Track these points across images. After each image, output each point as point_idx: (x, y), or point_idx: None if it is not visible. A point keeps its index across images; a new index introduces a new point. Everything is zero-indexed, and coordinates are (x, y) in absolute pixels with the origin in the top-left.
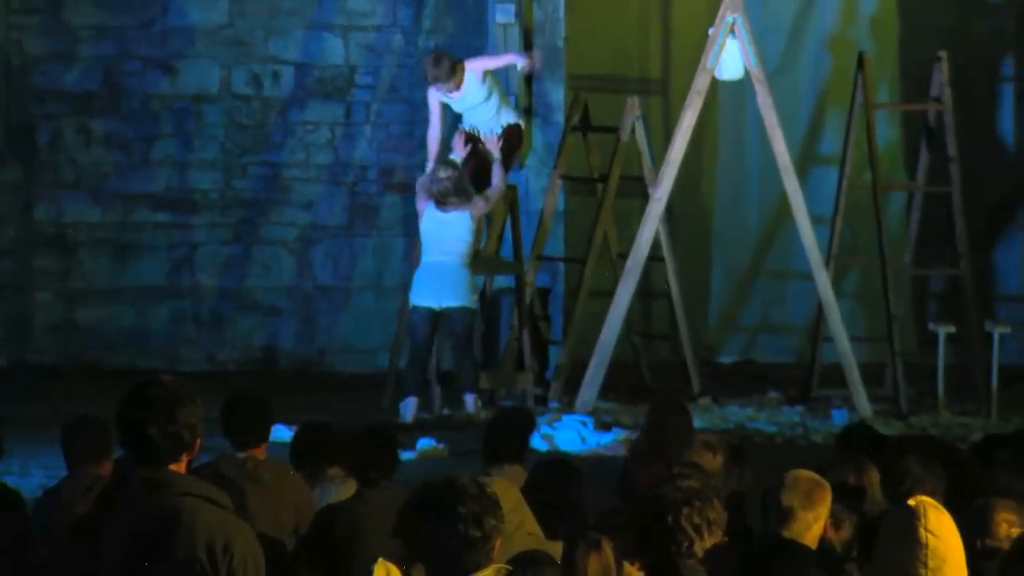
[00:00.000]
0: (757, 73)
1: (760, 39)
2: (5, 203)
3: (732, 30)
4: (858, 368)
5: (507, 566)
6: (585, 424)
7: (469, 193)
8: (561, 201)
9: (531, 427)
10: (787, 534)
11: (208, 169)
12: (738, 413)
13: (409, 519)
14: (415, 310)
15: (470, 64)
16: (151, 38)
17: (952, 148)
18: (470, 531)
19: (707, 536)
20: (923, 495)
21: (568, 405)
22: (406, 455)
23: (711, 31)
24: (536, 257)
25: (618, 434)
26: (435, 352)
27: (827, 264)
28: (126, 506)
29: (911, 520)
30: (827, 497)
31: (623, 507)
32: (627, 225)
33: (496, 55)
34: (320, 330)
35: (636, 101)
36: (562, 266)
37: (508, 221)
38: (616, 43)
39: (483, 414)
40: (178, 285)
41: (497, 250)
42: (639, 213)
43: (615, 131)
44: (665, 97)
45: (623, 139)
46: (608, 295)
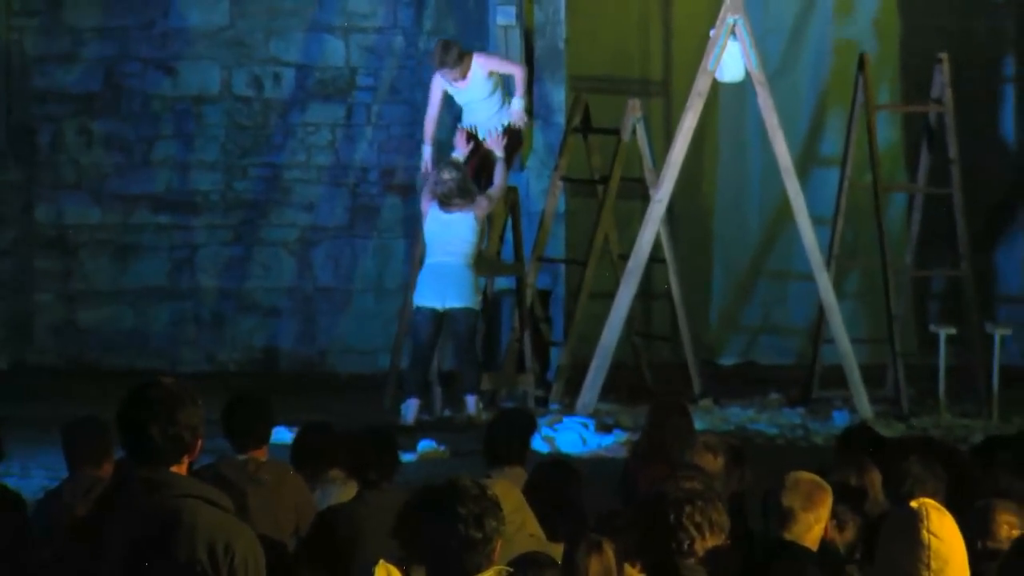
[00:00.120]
0: (758, 75)
1: (761, 40)
2: (6, 204)
3: (733, 32)
4: (859, 369)
5: (508, 568)
6: (586, 426)
7: (473, 194)
8: (562, 203)
9: (532, 428)
10: (788, 535)
11: (209, 170)
12: (739, 414)
13: (409, 520)
14: (418, 311)
15: (478, 58)
16: (152, 39)
17: (953, 149)
18: (471, 532)
19: (708, 535)
20: (924, 496)
21: (569, 407)
22: (407, 457)
23: (712, 33)
24: (537, 258)
25: (619, 436)
26: (436, 353)
27: (828, 265)
28: (127, 507)
29: (913, 522)
30: (828, 499)
31: (624, 509)
32: (628, 226)
33: (505, 60)
34: (321, 331)
35: (637, 103)
36: (563, 267)
37: (509, 222)
38: (617, 45)
39: (484, 416)
40: (179, 286)
41: (498, 251)
42: (640, 214)
43: (616, 133)
44: (666, 98)
45: (624, 140)
46: (609, 296)
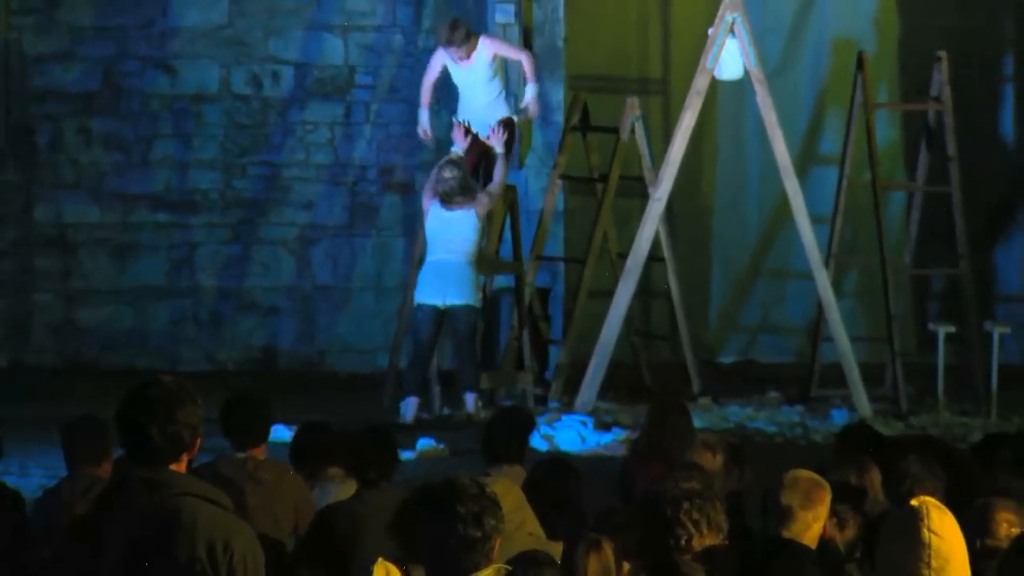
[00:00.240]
0: (757, 73)
1: (760, 39)
2: (5, 203)
3: (732, 30)
4: (858, 368)
5: (507, 566)
6: (585, 424)
7: (474, 191)
8: (561, 201)
9: (530, 427)
10: (787, 534)
11: (208, 169)
12: (738, 413)
13: (408, 519)
14: (419, 308)
15: (485, 40)
16: (151, 38)
17: (952, 148)
18: (469, 531)
19: (706, 532)
20: (923, 495)
21: (568, 405)
22: (406, 455)
23: (711, 31)
24: (536, 257)
25: (618, 434)
26: (436, 352)
27: (827, 264)
28: (126, 506)
29: (914, 520)
30: (826, 497)
31: (623, 507)
32: (627, 225)
33: (513, 46)
34: (320, 330)
35: (636, 101)
36: (562, 266)
37: (508, 221)
38: (615, 43)
39: (483, 414)
40: (178, 285)
41: (497, 250)
42: (639, 213)
43: (615, 131)
44: (665, 97)
45: (623, 139)
46: (608, 295)
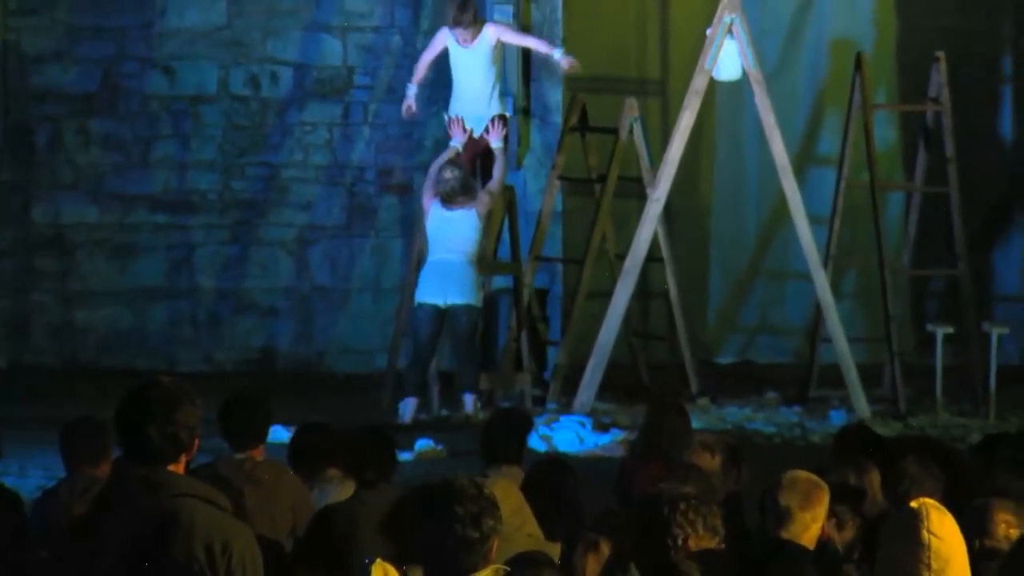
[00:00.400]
0: (755, 74)
1: (758, 40)
2: (3, 204)
3: (730, 31)
4: (856, 368)
5: (505, 567)
6: (583, 425)
7: (475, 191)
8: (559, 202)
9: (528, 428)
10: (785, 535)
11: (206, 170)
12: (736, 414)
13: (406, 520)
14: (420, 307)
15: (491, 25)
16: (149, 39)
17: (950, 149)
18: (468, 532)
19: (702, 532)
20: (921, 495)
21: (566, 406)
22: (404, 456)
23: (709, 32)
24: (534, 258)
25: (616, 435)
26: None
27: (825, 264)
28: (124, 507)
29: (913, 522)
30: (825, 498)
31: (621, 508)
32: (625, 226)
33: (522, 34)
34: (318, 331)
35: (634, 102)
36: (560, 267)
37: (506, 222)
38: (614, 44)
39: (481, 415)
40: (176, 286)
41: (495, 251)
42: (637, 214)
43: (613, 132)
44: (663, 98)
45: (621, 140)
46: (606, 296)
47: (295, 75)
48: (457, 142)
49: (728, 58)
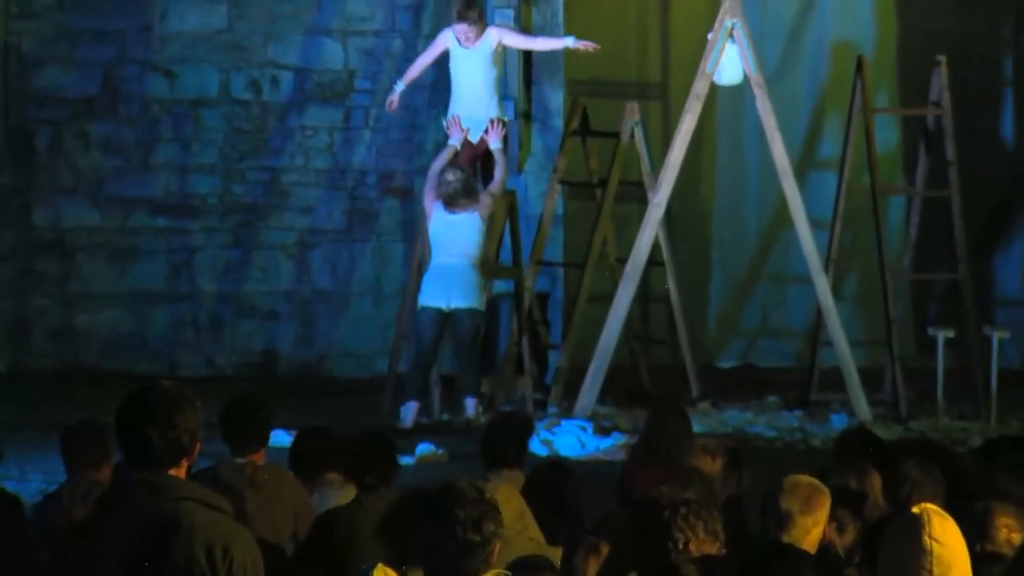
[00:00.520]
0: (756, 77)
1: (759, 43)
2: (4, 207)
3: (731, 34)
4: (857, 372)
5: (506, 571)
6: (584, 429)
7: (477, 193)
8: (560, 206)
9: (529, 431)
10: (786, 539)
11: (207, 174)
12: (737, 417)
13: (406, 522)
14: (423, 310)
15: (494, 28)
16: (150, 42)
17: (951, 152)
18: (468, 536)
19: (703, 536)
20: (922, 499)
21: (567, 410)
22: (405, 460)
23: (710, 36)
24: (535, 262)
25: (617, 439)
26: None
27: (826, 268)
28: (125, 511)
29: (915, 528)
30: (826, 502)
31: (622, 511)
32: (626, 230)
33: (526, 35)
34: (319, 335)
35: (635, 106)
36: (561, 271)
37: (507, 226)
38: (615, 48)
39: (482, 419)
40: (177, 290)
41: (496, 255)
42: (638, 218)
43: (614, 136)
44: (664, 102)
45: (622, 143)
46: (607, 300)
47: (296, 79)
48: (455, 140)
49: (729, 62)
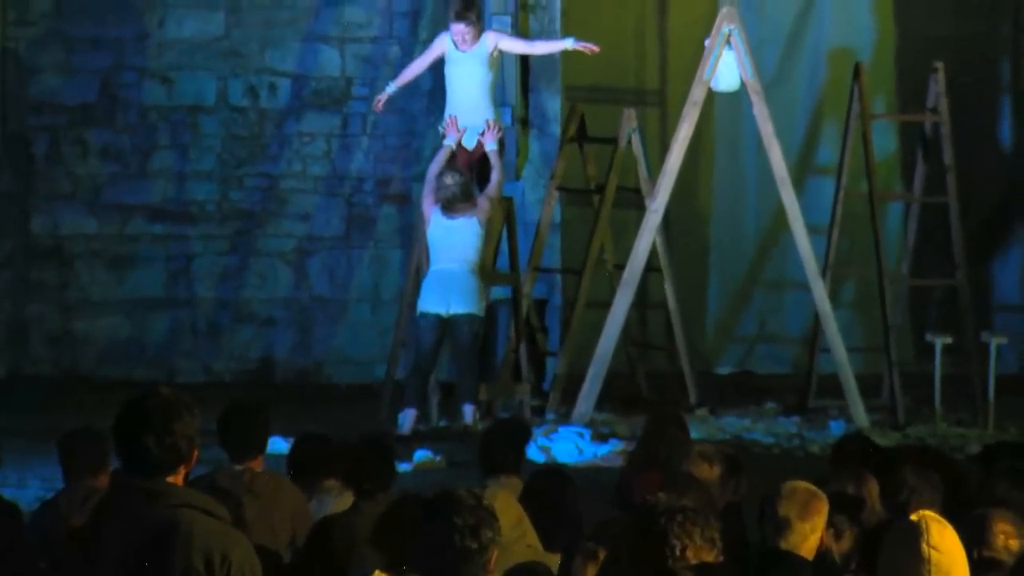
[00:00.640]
0: (753, 84)
1: (756, 50)
2: (2, 214)
3: (728, 41)
4: (855, 378)
5: None
6: (582, 435)
7: (475, 197)
8: (557, 212)
9: (527, 438)
10: (784, 545)
11: (205, 180)
12: (735, 424)
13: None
14: (423, 316)
15: (491, 32)
16: (148, 50)
17: (949, 158)
18: (466, 542)
19: (700, 543)
20: (920, 506)
21: (565, 416)
22: (403, 466)
23: (707, 42)
24: (533, 268)
25: (615, 445)
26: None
27: (824, 274)
28: (123, 517)
29: (914, 535)
30: (824, 508)
31: (619, 517)
32: (624, 236)
33: (524, 40)
34: (317, 341)
35: (632, 112)
36: (559, 277)
37: (505, 232)
38: (612, 54)
39: (480, 425)
40: (175, 296)
41: (494, 261)
42: (636, 224)
43: (612, 142)
44: (661, 108)
45: (620, 150)
46: (605, 306)
47: (293, 86)
48: (451, 140)
49: (726, 69)
